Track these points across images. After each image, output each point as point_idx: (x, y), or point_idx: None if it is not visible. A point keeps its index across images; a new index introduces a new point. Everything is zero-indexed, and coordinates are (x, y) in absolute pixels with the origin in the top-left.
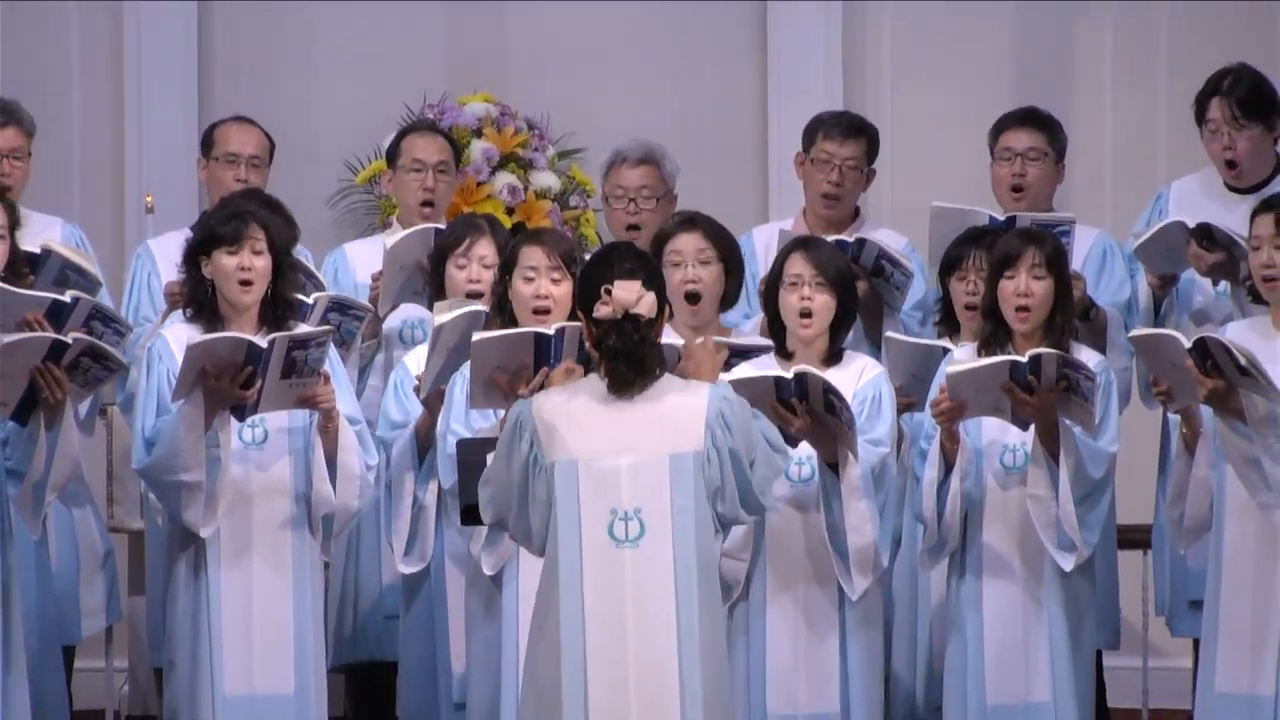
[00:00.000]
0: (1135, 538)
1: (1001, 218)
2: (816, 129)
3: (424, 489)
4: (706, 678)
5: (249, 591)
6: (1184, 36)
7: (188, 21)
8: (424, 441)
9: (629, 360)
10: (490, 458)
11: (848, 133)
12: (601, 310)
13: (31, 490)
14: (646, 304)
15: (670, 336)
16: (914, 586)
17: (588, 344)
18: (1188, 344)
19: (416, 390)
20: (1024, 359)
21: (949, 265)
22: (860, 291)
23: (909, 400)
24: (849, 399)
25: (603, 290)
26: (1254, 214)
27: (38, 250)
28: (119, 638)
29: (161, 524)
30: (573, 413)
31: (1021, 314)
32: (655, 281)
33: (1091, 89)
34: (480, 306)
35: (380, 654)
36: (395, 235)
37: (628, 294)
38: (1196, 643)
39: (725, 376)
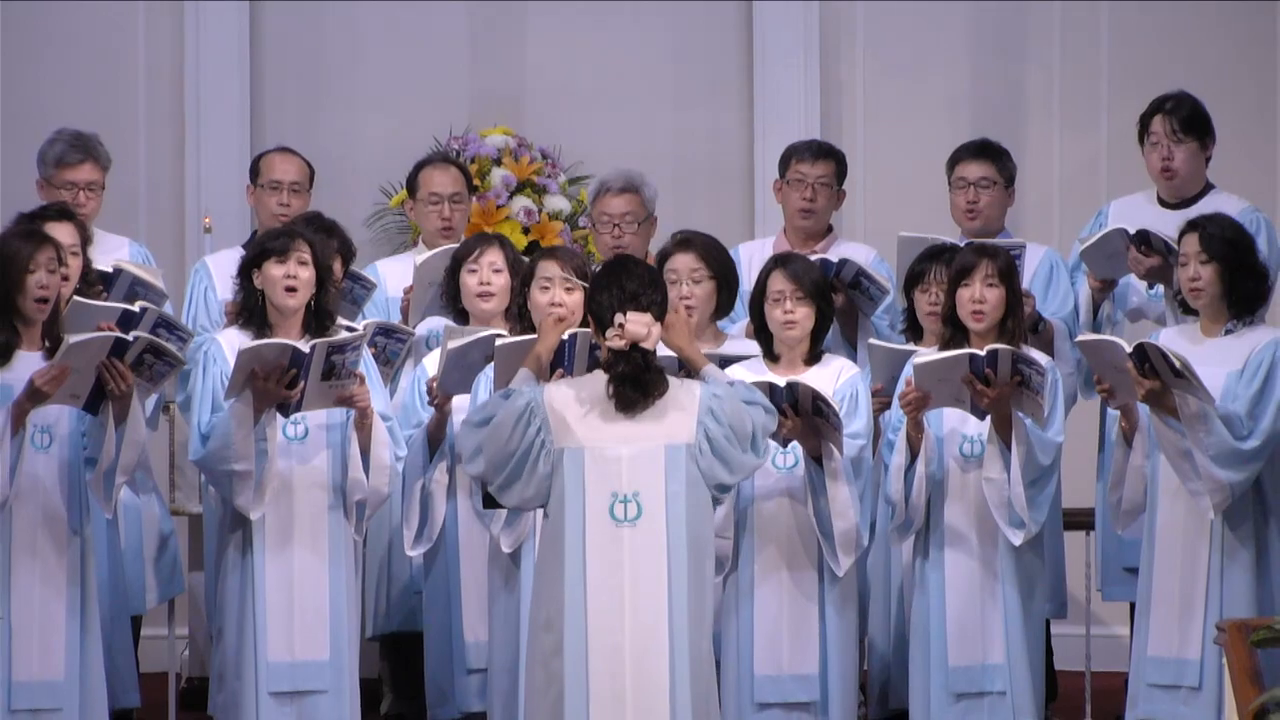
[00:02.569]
0: (1080, 520)
1: (961, 244)
2: (791, 155)
3: (430, 477)
4: (693, 641)
5: (290, 569)
6: (1121, 78)
7: (241, 63)
8: (433, 438)
9: (635, 385)
10: (492, 422)
11: (818, 154)
12: (614, 341)
13: (103, 475)
14: (654, 337)
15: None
16: (886, 561)
17: (598, 346)
18: (1129, 349)
19: (430, 393)
20: (982, 352)
21: (913, 279)
22: (838, 303)
23: (887, 399)
24: (829, 396)
25: (616, 321)
26: (1181, 234)
27: (110, 269)
28: (180, 608)
29: (216, 508)
30: (580, 405)
31: (977, 316)
32: (665, 300)
33: (1040, 124)
34: (489, 331)
35: (410, 624)
36: (423, 255)
37: (639, 328)
38: (1133, 611)
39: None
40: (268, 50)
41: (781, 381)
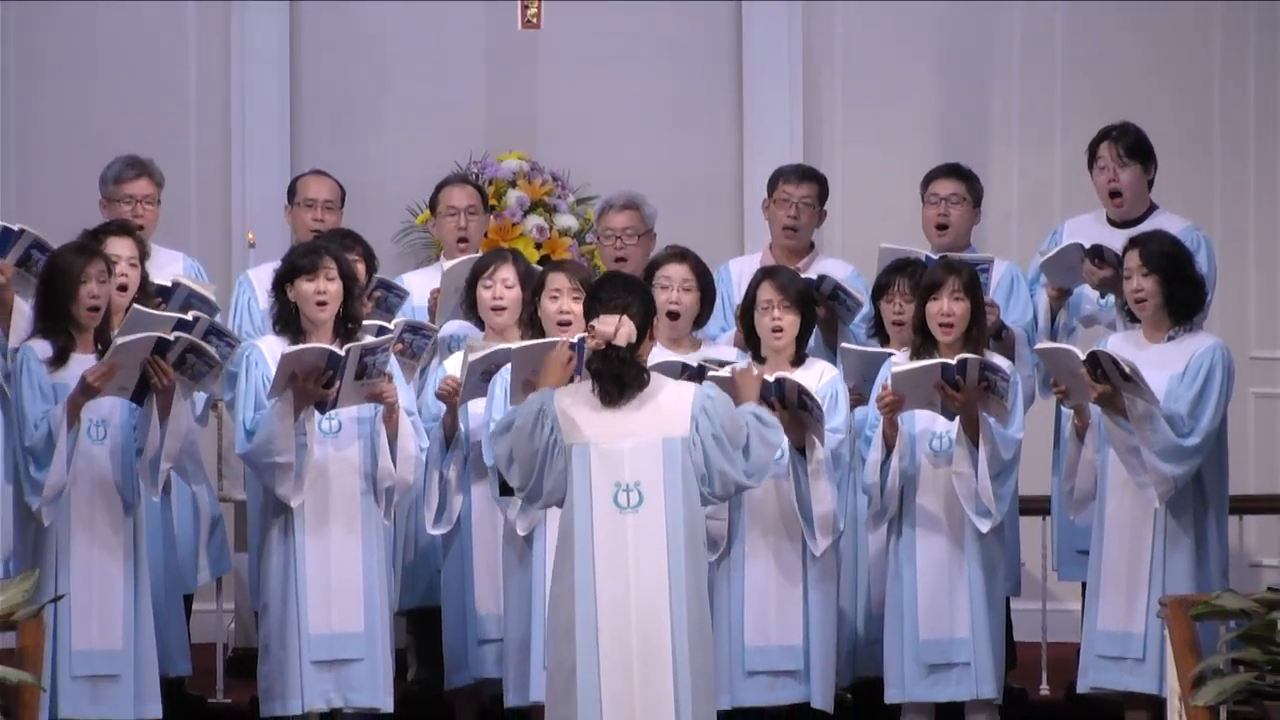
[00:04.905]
0: (1037, 506)
1: (935, 258)
2: (777, 177)
3: (448, 466)
4: (691, 616)
5: (327, 549)
6: (1073, 109)
7: (281, 96)
8: (449, 432)
9: (611, 380)
10: (513, 429)
11: (802, 177)
12: (588, 342)
13: (149, 462)
14: (624, 334)
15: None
16: (855, 543)
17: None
18: (1083, 356)
19: (451, 393)
20: (953, 362)
21: (879, 290)
22: (820, 314)
23: (859, 396)
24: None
25: (587, 325)
26: (1124, 249)
27: (169, 284)
28: (227, 586)
29: (259, 495)
30: (583, 405)
31: (945, 329)
32: (646, 304)
33: (1000, 149)
34: (502, 344)
35: (431, 599)
36: (450, 262)
37: (606, 327)
38: (1084, 589)
39: (714, 373)
40: (305, 84)
41: (771, 378)
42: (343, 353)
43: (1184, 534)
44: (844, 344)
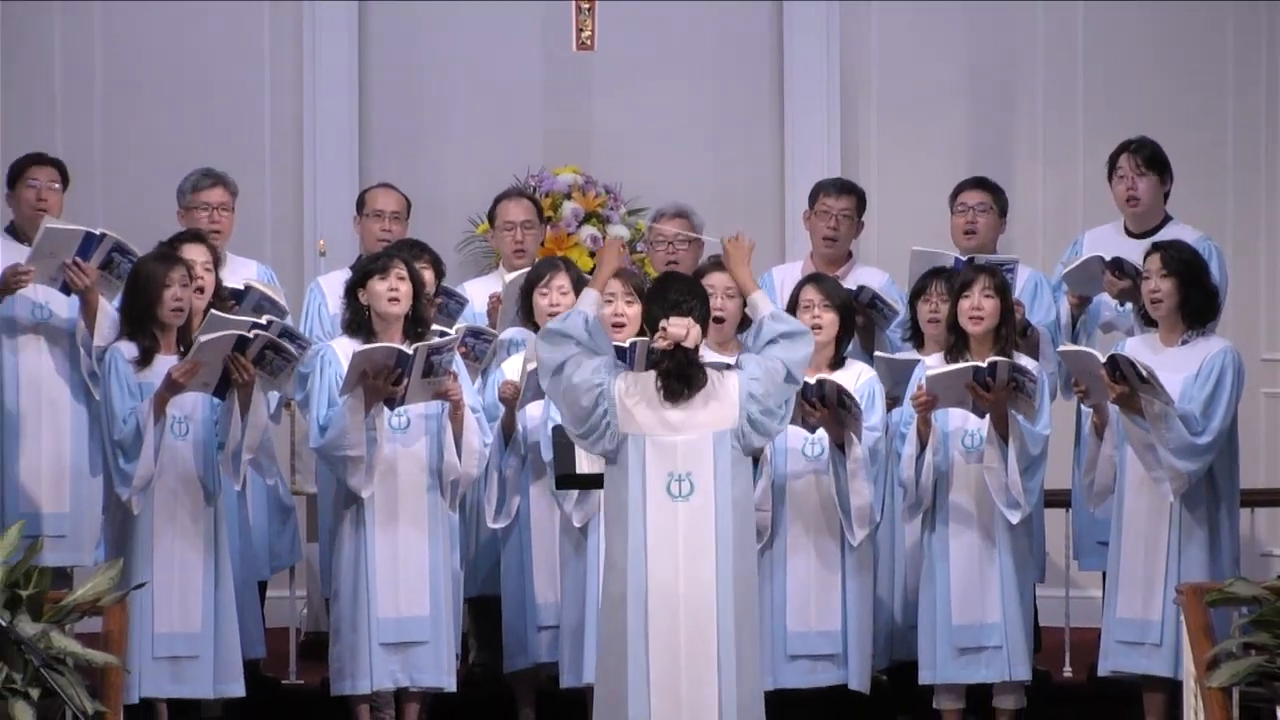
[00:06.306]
0: (1059, 500)
1: (963, 259)
2: (818, 190)
3: (507, 464)
4: (738, 599)
5: (396, 538)
6: (1095, 126)
7: (351, 112)
8: (508, 431)
9: (679, 379)
10: (569, 362)
11: (842, 190)
12: (658, 342)
13: (231, 454)
14: (693, 336)
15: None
16: (892, 534)
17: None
18: (1103, 359)
19: (513, 397)
20: (984, 364)
21: (916, 293)
22: (859, 323)
23: (892, 396)
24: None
25: (660, 325)
26: (1146, 253)
27: (242, 287)
28: (299, 574)
29: (331, 488)
30: (642, 397)
31: (975, 321)
32: (705, 306)
33: (1026, 163)
34: None
35: (491, 588)
36: (510, 275)
37: (679, 329)
38: (1104, 578)
39: None
40: (373, 103)
41: (812, 379)
42: (411, 351)
43: (1198, 526)
44: (878, 352)
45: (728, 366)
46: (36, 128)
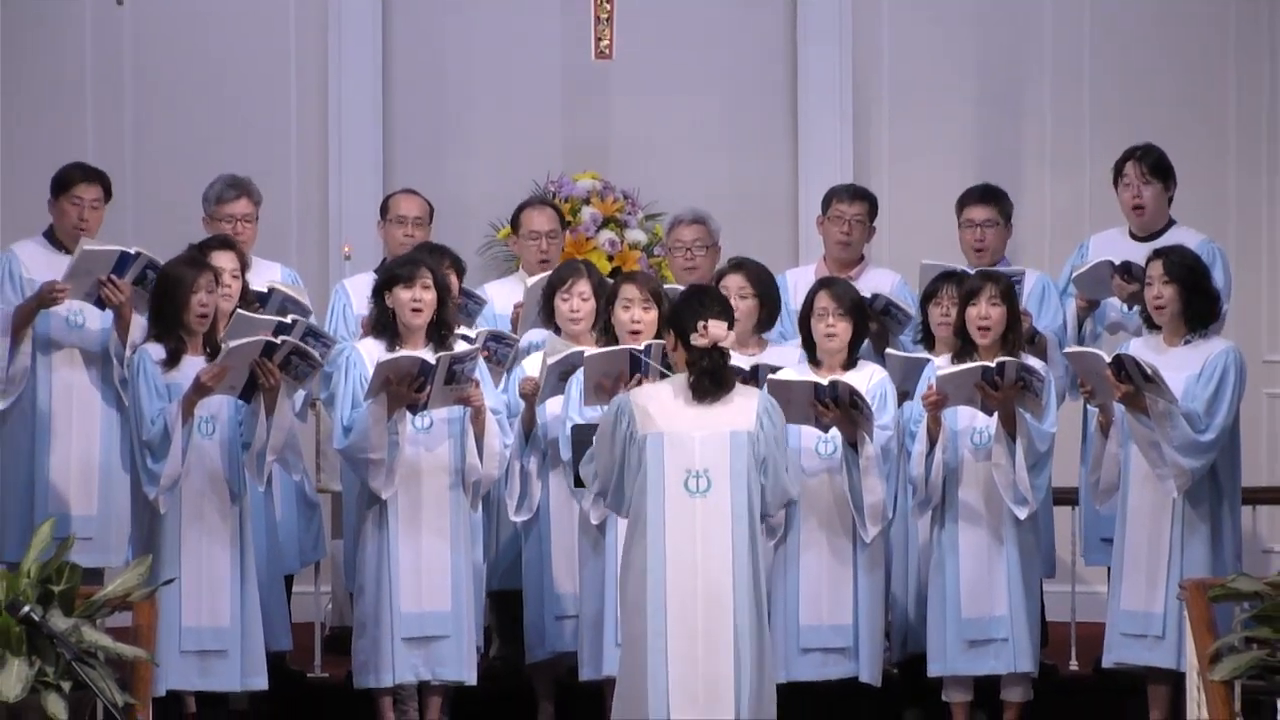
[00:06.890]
0: (1066, 497)
1: (972, 270)
2: (831, 196)
3: (528, 459)
4: (753, 589)
5: (418, 537)
6: (1101, 133)
7: (375, 119)
8: (528, 427)
9: (713, 378)
10: (595, 438)
11: (855, 196)
12: (698, 340)
13: (256, 455)
14: (730, 340)
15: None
16: (905, 531)
17: (671, 356)
18: (1108, 360)
19: (532, 393)
20: (993, 365)
21: (927, 297)
22: (872, 329)
23: (903, 391)
24: (863, 393)
25: (700, 325)
26: (1148, 260)
27: (265, 289)
28: (324, 570)
29: (355, 487)
30: (661, 400)
31: (982, 332)
32: (732, 320)
33: (1034, 169)
34: (577, 348)
35: (511, 583)
36: (532, 279)
37: (719, 330)
38: (1109, 573)
39: (774, 376)
40: (397, 108)
41: (825, 380)
42: (434, 361)
43: (1201, 522)
44: (890, 350)
45: (752, 377)
46: (69, 132)
